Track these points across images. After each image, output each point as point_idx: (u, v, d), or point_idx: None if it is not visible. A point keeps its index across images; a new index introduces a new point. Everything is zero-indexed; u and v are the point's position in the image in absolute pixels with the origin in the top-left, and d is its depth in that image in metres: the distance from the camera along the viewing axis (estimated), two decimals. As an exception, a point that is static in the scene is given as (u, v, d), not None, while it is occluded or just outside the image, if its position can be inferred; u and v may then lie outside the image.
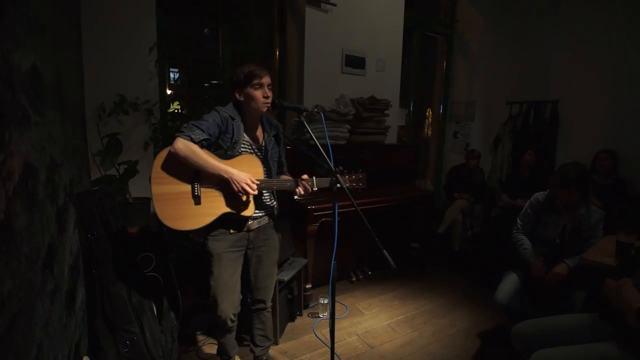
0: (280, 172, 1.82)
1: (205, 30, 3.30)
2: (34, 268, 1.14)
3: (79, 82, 2.18)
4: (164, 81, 2.79)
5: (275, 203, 1.80)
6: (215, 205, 1.55)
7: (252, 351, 1.95)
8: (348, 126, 3.13)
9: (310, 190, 1.62)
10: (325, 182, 1.61)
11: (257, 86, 1.56)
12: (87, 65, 2.28)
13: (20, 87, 1.07)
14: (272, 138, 1.74)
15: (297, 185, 1.62)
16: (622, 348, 1.34)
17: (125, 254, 1.84)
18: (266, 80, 1.58)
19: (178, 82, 3.40)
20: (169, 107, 3.10)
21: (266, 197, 1.74)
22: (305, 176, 1.63)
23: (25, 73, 1.13)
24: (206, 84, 3.55)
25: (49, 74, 1.39)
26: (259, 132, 1.72)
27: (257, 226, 1.72)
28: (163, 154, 1.48)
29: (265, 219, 1.76)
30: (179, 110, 3.31)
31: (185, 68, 3.41)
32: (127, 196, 2.38)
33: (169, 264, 2.15)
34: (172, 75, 3.21)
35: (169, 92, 3.07)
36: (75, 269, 1.69)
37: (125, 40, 2.41)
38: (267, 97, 1.58)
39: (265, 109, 1.61)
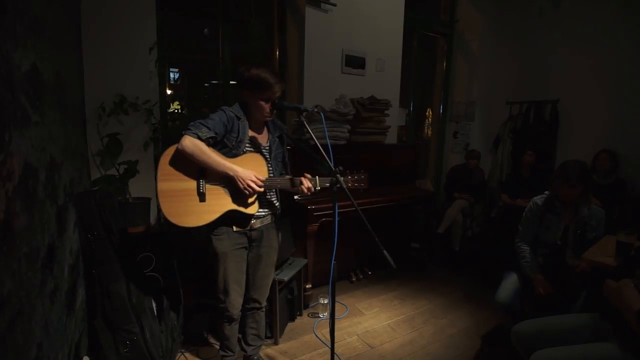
0: (284, 173, 1.83)
1: (205, 30, 3.30)
2: (34, 268, 1.14)
3: (79, 82, 2.18)
4: (164, 81, 2.79)
5: (278, 203, 1.80)
6: (219, 203, 1.57)
7: (243, 350, 1.95)
8: (348, 126, 3.13)
9: (313, 189, 1.62)
10: (328, 181, 1.61)
11: (268, 99, 1.58)
12: (87, 65, 2.28)
13: (20, 87, 1.07)
14: (277, 139, 1.75)
15: (300, 185, 1.62)
16: (623, 348, 1.34)
17: (125, 254, 1.84)
18: (278, 95, 1.60)
19: (178, 82, 3.40)
20: (169, 107, 3.10)
21: (270, 196, 1.74)
22: (308, 175, 1.63)
23: (25, 73, 1.12)
24: (206, 84, 3.55)
25: (49, 74, 1.39)
26: (264, 133, 1.73)
27: (259, 225, 1.72)
28: (170, 150, 1.50)
29: (268, 219, 1.76)
30: (179, 110, 3.31)
31: (185, 68, 3.41)
32: (127, 196, 2.38)
33: (173, 263, 2.15)
34: (172, 75, 3.21)
35: (169, 92, 3.07)
36: (75, 269, 1.69)
37: (125, 40, 2.40)
38: (273, 111, 1.62)
39: (267, 120, 1.65)
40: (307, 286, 2.71)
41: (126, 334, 1.70)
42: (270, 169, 1.69)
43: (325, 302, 2.58)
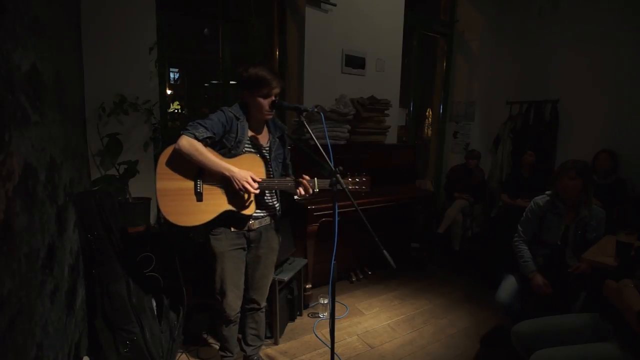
0: (284, 174, 1.82)
1: (205, 30, 3.30)
2: (34, 268, 1.14)
3: (79, 82, 2.18)
4: (164, 81, 2.79)
5: (278, 204, 1.80)
6: (216, 203, 1.57)
7: (243, 350, 1.95)
8: (348, 126, 3.13)
9: (311, 191, 1.62)
10: (327, 183, 1.60)
11: (266, 95, 1.57)
12: (87, 65, 2.28)
13: (20, 87, 1.07)
14: (277, 139, 1.74)
15: (298, 186, 1.62)
16: (623, 348, 1.34)
17: (125, 254, 1.84)
18: (276, 91, 1.59)
19: (178, 82, 3.40)
20: (169, 107, 3.10)
21: (268, 197, 1.73)
22: (306, 177, 1.63)
23: (25, 73, 1.12)
24: (206, 84, 3.56)
25: (49, 74, 1.39)
26: (264, 133, 1.72)
27: (258, 226, 1.72)
28: (168, 150, 1.51)
29: (267, 220, 1.75)
30: (179, 110, 3.31)
31: (185, 68, 3.41)
32: (127, 196, 2.38)
33: (175, 262, 2.15)
34: (172, 75, 3.21)
35: (169, 92, 3.07)
36: (75, 269, 1.69)
37: (125, 40, 2.40)
38: (273, 109, 1.61)
39: (268, 118, 1.64)
40: (307, 286, 2.71)
41: (126, 334, 1.70)
42: (270, 169, 1.68)
43: (325, 302, 2.58)
